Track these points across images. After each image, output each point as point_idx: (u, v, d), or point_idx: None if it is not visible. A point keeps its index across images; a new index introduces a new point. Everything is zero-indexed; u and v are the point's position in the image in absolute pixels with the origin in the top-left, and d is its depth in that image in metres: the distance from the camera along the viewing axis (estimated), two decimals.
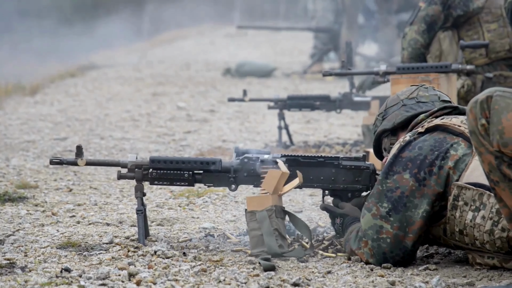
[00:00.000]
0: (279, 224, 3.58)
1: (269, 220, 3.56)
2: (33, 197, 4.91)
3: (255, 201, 3.60)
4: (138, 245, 3.68)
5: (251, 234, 3.57)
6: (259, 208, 3.58)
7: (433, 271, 3.39)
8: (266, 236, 3.54)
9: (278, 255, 3.53)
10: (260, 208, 3.58)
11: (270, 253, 3.53)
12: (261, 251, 3.54)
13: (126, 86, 11.35)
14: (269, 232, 3.54)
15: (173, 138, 7.40)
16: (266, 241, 3.53)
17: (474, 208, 3.30)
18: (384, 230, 3.40)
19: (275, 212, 3.57)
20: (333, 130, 7.85)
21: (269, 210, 3.57)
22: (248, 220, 3.59)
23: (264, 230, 3.55)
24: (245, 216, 3.61)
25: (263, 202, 3.59)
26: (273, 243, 3.53)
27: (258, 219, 3.57)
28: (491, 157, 3.03)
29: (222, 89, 11.01)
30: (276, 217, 3.57)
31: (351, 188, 3.77)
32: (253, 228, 3.57)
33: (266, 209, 3.57)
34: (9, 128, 7.88)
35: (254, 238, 3.56)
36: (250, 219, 3.59)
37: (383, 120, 3.75)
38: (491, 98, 3.01)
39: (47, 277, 3.26)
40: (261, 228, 3.55)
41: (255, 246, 3.56)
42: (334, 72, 5.76)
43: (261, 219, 3.57)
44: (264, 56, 15.56)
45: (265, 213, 3.57)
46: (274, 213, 3.57)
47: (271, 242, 3.53)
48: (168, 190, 5.17)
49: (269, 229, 3.54)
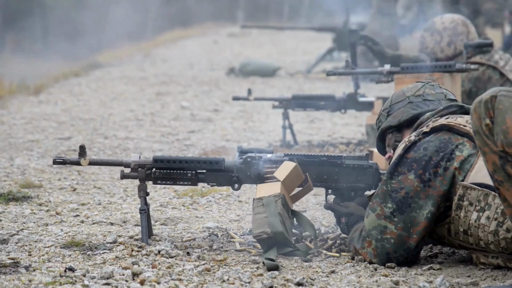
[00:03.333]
0: (285, 214, 3.55)
1: (275, 204, 3.53)
2: (37, 197, 4.92)
3: (265, 188, 3.60)
4: (142, 244, 3.68)
5: (255, 217, 3.52)
6: (267, 194, 3.57)
7: (437, 270, 3.38)
8: (271, 217, 3.49)
9: (281, 234, 3.47)
10: (268, 194, 3.57)
11: (272, 232, 3.46)
12: (262, 231, 3.47)
13: (130, 86, 11.36)
14: (274, 214, 3.51)
15: (177, 137, 7.39)
16: (269, 220, 3.47)
17: (479, 209, 3.30)
18: (388, 231, 3.40)
19: (282, 200, 3.56)
20: (337, 129, 7.85)
21: (276, 196, 3.56)
22: (254, 206, 3.57)
23: (269, 212, 3.51)
24: (253, 203, 3.60)
25: (272, 189, 3.59)
26: (276, 223, 3.48)
27: (264, 203, 3.55)
28: (495, 157, 3.02)
29: (226, 88, 11.01)
30: (282, 205, 3.55)
31: (354, 187, 3.77)
32: (258, 212, 3.54)
33: (273, 195, 3.56)
34: (13, 127, 7.89)
35: (258, 220, 3.51)
36: (256, 205, 3.57)
37: (388, 116, 3.73)
38: (495, 98, 3.00)
39: (51, 276, 3.26)
40: (266, 211, 3.52)
41: (257, 227, 3.50)
42: (338, 72, 5.76)
43: (267, 203, 3.55)
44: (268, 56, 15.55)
45: (272, 198, 3.55)
46: (281, 200, 3.55)
47: (274, 222, 3.48)
48: (172, 190, 5.17)
49: (274, 211, 3.51)
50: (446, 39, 6.12)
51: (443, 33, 6.13)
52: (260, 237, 3.48)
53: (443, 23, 6.16)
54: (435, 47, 6.14)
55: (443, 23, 6.16)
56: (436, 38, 6.14)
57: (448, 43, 6.11)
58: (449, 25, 6.14)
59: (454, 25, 6.14)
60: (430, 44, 6.15)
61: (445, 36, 6.12)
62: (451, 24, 6.14)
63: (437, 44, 6.14)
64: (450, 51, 6.07)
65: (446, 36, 6.12)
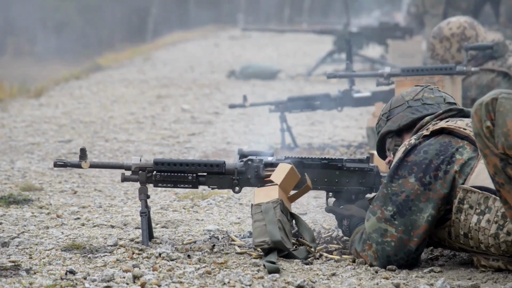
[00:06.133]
0: (284, 219, 3.54)
1: (274, 211, 3.53)
2: (38, 200, 4.92)
3: (262, 192, 3.60)
4: (142, 247, 3.68)
5: (255, 225, 3.52)
6: (265, 199, 3.57)
7: (438, 273, 3.38)
8: (269, 225, 3.49)
9: (279, 243, 3.47)
10: (266, 199, 3.57)
11: (272, 241, 3.46)
12: (263, 241, 3.47)
13: (130, 89, 11.36)
14: (272, 221, 3.50)
15: (177, 140, 7.40)
16: (268, 229, 3.47)
17: (479, 212, 3.30)
18: (388, 234, 3.40)
19: (280, 205, 3.55)
20: (337, 132, 7.85)
21: (275, 202, 3.56)
22: (253, 213, 3.57)
23: (268, 219, 3.51)
24: (251, 210, 3.60)
25: (269, 193, 3.59)
26: (275, 231, 3.47)
27: (263, 210, 3.54)
28: (496, 159, 3.02)
29: (227, 91, 11.02)
30: (281, 211, 3.54)
31: (355, 190, 3.77)
32: (257, 220, 3.54)
33: (271, 201, 3.55)
34: (14, 130, 7.89)
35: (257, 228, 3.50)
36: (255, 211, 3.57)
37: (388, 121, 3.74)
38: (496, 100, 3.00)
39: (51, 279, 3.26)
40: (265, 219, 3.52)
41: (257, 235, 3.50)
42: (339, 74, 5.76)
43: (266, 210, 3.54)
44: (269, 58, 15.56)
45: (270, 204, 3.55)
46: (279, 205, 3.55)
47: (273, 230, 3.47)
48: (172, 192, 5.17)
49: (273, 219, 3.51)
50: (455, 45, 6.07)
51: (452, 39, 6.08)
52: (261, 246, 3.49)
53: (450, 29, 6.11)
54: (446, 54, 6.09)
55: (450, 29, 6.11)
56: (445, 45, 6.09)
57: (458, 49, 6.06)
58: (457, 31, 6.08)
59: (462, 30, 6.08)
60: (440, 51, 6.10)
61: (454, 42, 6.07)
62: (458, 29, 6.08)
63: (447, 51, 6.09)
64: (460, 56, 6.00)
65: (455, 42, 6.07)
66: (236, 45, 19.32)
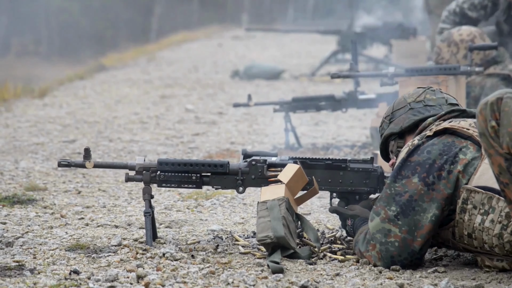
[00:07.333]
0: (289, 218, 3.54)
1: (279, 208, 3.53)
2: (42, 200, 4.92)
3: (269, 190, 3.60)
4: (146, 247, 3.69)
5: (259, 221, 3.52)
6: (271, 197, 3.57)
7: (442, 273, 3.38)
8: (274, 221, 3.49)
9: (282, 239, 3.46)
10: (272, 197, 3.57)
11: (275, 236, 3.45)
12: (266, 235, 3.46)
13: (134, 89, 11.37)
14: (277, 218, 3.50)
15: (181, 140, 7.40)
16: (272, 224, 3.47)
17: (483, 212, 3.29)
18: (392, 234, 3.39)
19: (286, 203, 3.55)
20: (341, 132, 7.84)
21: (280, 200, 3.56)
22: (258, 210, 3.57)
23: (273, 216, 3.51)
24: (257, 207, 3.60)
25: (276, 192, 3.59)
26: (279, 227, 3.47)
27: (268, 207, 3.55)
28: (501, 159, 3.02)
29: (231, 91, 11.02)
30: (286, 209, 3.54)
31: (359, 190, 3.77)
32: (261, 216, 3.53)
33: (277, 198, 3.56)
34: (18, 130, 7.90)
35: (261, 224, 3.50)
36: (260, 208, 3.57)
37: (390, 123, 3.74)
38: (501, 100, 3.00)
39: (55, 279, 3.26)
40: (270, 215, 3.52)
41: (261, 231, 3.49)
42: (342, 74, 5.76)
43: (271, 206, 3.55)
44: (273, 58, 15.56)
45: (276, 202, 3.55)
46: (285, 203, 3.55)
47: (277, 226, 3.47)
48: (176, 193, 5.18)
49: (277, 215, 3.51)
50: (462, 51, 6.07)
51: (460, 45, 6.08)
52: (263, 241, 3.48)
53: (460, 35, 6.11)
54: (451, 59, 6.08)
55: (460, 35, 6.11)
56: (452, 49, 6.08)
57: (464, 55, 6.06)
58: (467, 38, 6.08)
59: (472, 37, 6.08)
60: (446, 55, 6.10)
61: (462, 48, 6.07)
62: (468, 37, 6.08)
63: (453, 56, 6.08)
64: (466, 63, 6.00)
65: (463, 49, 6.06)
66: (240, 45, 19.32)
